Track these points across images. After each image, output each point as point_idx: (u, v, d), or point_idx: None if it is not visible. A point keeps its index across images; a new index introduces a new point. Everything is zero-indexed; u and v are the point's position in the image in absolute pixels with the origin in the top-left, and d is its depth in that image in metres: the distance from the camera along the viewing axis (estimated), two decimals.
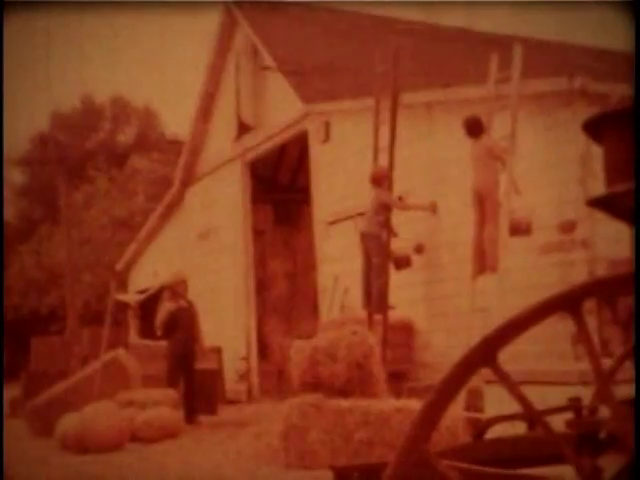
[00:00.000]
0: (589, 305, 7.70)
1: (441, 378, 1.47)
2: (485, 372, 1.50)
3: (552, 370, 6.84)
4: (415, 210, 10.79)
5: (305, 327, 14.96)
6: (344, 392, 7.08)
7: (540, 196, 9.27)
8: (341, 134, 12.98)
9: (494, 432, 2.35)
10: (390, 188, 10.52)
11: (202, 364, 11.50)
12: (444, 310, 10.49)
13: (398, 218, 10.66)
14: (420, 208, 10.72)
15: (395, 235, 10.52)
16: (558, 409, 2.26)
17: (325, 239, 13.24)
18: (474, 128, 9.47)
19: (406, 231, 10.83)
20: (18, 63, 48.85)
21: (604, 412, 2.06)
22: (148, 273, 20.30)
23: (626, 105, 1.86)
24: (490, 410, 6.78)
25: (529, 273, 9.16)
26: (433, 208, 10.68)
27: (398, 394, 8.64)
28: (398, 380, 9.92)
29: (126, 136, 41.22)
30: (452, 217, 10.48)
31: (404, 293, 10.86)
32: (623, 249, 9.08)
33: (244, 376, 15.31)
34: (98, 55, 70.08)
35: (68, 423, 9.04)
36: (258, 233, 16.97)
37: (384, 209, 10.43)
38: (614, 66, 16.99)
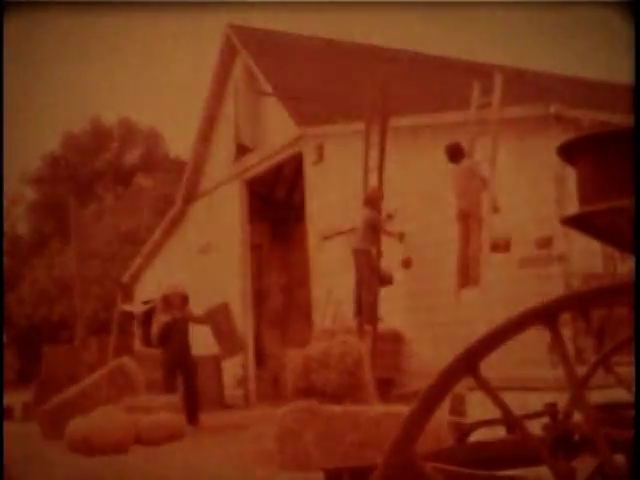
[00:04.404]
0: (564, 316, 7.71)
1: (427, 385, 1.47)
2: (468, 379, 1.51)
3: (529, 377, 6.84)
4: (387, 236, 10.83)
5: (299, 336, 14.91)
6: (336, 398, 7.06)
7: (519, 214, 9.29)
8: (333, 155, 13.01)
9: (476, 435, 2.35)
10: (379, 206, 10.53)
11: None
12: (430, 321, 10.48)
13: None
14: (392, 236, 10.82)
15: (381, 254, 10.51)
16: (535, 414, 2.27)
17: (319, 254, 13.23)
18: (455, 154, 9.53)
19: (395, 246, 10.84)
20: (18, 64, 48.63)
21: (578, 417, 2.07)
22: (152, 285, 20.23)
23: (596, 130, 1.88)
24: (472, 415, 6.77)
25: (509, 286, 9.17)
26: (401, 237, 10.85)
27: (386, 400, 8.62)
28: (386, 387, 9.91)
29: (132, 156, 41.18)
30: (438, 233, 10.49)
31: (393, 305, 10.85)
32: (596, 264, 9.14)
33: (242, 382, 15.26)
34: (99, 57, 70.01)
35: (76, 426, 8.99)
36: (256, 248, 16.96)
37: (373, 227, 10.44)
38: (587, 94, 17.10)
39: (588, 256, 8.58)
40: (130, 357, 12.21)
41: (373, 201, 10.47)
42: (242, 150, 15.83)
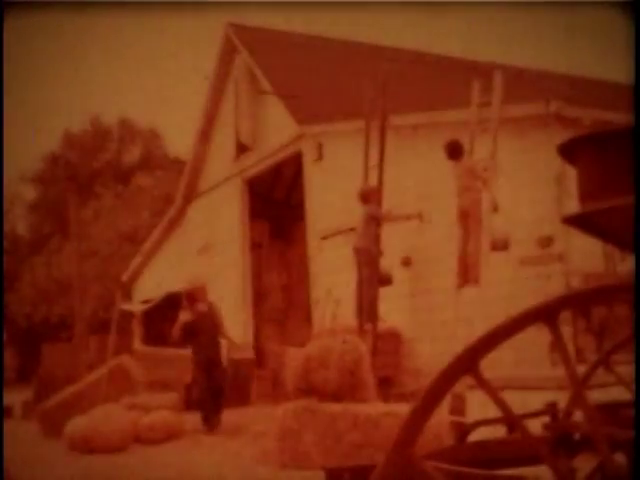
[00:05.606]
0: (565, 315, 7.71)
1: (426, 385, 1.47)
2: (468, 378, 1.51)
3: (530, 376, 6.83)
4: (403, 220, 10.76)
5: (299, 336, 14.90)
6: (336, 397, 7.06)
7: (519, 213, 9.29)
8: (333, 154, 13.00)
9: (476, 435, 2.35)
10: (379, 204, 10.51)
11: (237, 354, 11.01)
12: (430, 320, 10.48)
13: (387, 233, 10.65)
14: (408, 218, 10.72)
15: (381, 253, 10.47)
16: (536, 413, 2.27)
17: (318, 253, 13.23)
18: (455, 151, 9.52)
19: (394, 245, 10.83)
20: (18, 64, 48.59)
21: (578, 416, 2.07)
22: (152, 284, 20.24)
23: (597, 129, 1.88)
24: (472, 414, 6.76)
25: (509, 285, 9.17)
26: (420, 217, 10.71)
27: (386, 399, 8.62)
28: (386, 386, 9.90)
29: (131, 156, 41.14)
30: (437, 232, 10.49)
31: (393, 304, 10.85)
32: (596, 263, 9.13)
33: None
34: (99, 57, 69.93)
35: (76, 425, 9.00)
36: (255, 247, 16.95)
37: (374, 223, 10.40)
38: (587, 92, 17.10)
39: (588, 255, 8.58)
40: (129, 356, 12.22)
41: (367, 197, 10.42)
42: (242, 149, 15.84)
